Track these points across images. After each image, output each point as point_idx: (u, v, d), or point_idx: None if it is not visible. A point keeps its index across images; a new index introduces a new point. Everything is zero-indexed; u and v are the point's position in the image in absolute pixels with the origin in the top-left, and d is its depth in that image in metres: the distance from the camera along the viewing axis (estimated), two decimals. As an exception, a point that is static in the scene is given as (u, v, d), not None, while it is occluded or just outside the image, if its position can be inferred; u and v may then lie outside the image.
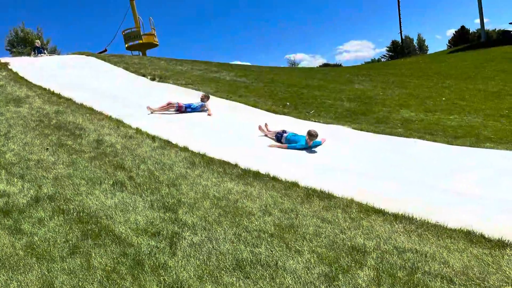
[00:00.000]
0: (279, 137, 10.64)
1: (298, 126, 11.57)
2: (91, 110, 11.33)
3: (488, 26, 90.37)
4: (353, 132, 11.31)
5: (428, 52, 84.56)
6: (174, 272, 4.39)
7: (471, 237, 5.15)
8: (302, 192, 6.68)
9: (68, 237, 5.00)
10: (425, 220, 5.66)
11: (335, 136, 11.02)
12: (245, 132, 11.42)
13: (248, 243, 5.01)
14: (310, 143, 9.98)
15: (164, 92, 15.97)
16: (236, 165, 7.92)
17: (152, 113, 12.71)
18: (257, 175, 7.49)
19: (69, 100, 12.38)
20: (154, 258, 4.61)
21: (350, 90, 18.24)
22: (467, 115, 13.50)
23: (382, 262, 4.63)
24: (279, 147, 10.20)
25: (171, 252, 4.75)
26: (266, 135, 11.22)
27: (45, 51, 26.68)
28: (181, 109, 13.29)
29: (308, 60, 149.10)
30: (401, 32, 62.19)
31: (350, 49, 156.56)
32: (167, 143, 9.06)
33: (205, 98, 13.79)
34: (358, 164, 9.05)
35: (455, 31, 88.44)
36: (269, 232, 5.32)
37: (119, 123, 10.28)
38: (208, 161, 8.03)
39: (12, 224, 5.31)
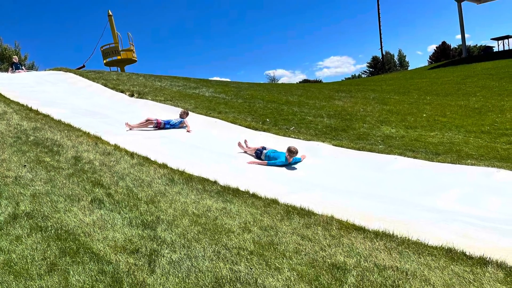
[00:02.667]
0: (259, 154, 10.66)
1: (278, 143, 11.61)
2: (69, 127, 11.25)
3: (469, 42, 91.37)
4: (334, 148, 11.35)
5: (409, 68, 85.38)
6: (153, 290, 4.36)
7: (452, 255, 5.18)
8: (282, 209, 6.69)
9: (46, 254, 4.94)
10: (406, 237, 5.69)
11: (315, 153, 11.07)
12: (224, 149, 11.43)
13: (227, 260, 5.00)
14: (290, 160, 10.02)
15: (143, 108, 15.95)
16: (215, 182, 7.92)
17: (130, 129, 12.68)
18: (236, 192, 7.49)
19: (47, 116, 12.29)
20: (133, 275, 4.57)
21: (331, 107, 18.34)
22: (448, 132, 13.61)
23: (362, 279, 4.64)
24: (258, 163, 10.21)
25: (150, 269, 4.72)
26: (245, 152, 11.24)
27: (23, 67, 26.49)
28: (160, 126, 13.28)
29: (288, 76, 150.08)
30: (381, 48, 62.65)
31: (330, 65, 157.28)
32: (146, 159, 9.02)
33: (184, 115, 13.81)
34: (339, 181, 9.10)
35: (436, 47, 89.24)
36: (249, 249, 5.31)
37: (97, 139, 10.21)
38: (187, 178, 8.01)
39: (-11, 242, 5.24)
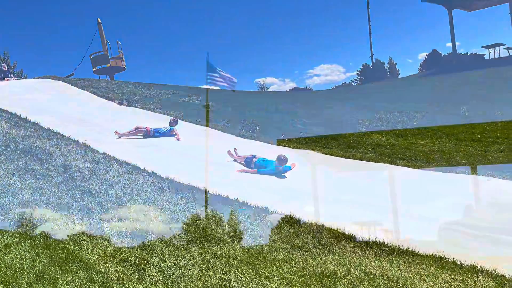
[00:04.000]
0: (249, 162, 10.63)
1: (268, 151, 11.59)
2: (58, 135, 11.18)
3: (460, 50, 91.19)
4: (323, 157, 11.33)
5: (400, 76, 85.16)
6: (142, 299, 4.34)
7: (442, 263, 5.18)
8: (272, 218, 6.67)
9: (35, 263, 4.92)
10: (396, 246, 5.68)
11: (305, 161, 11.05)
12: (214, 157, 11.40)
13: (217, 269, 4.99)
14: (280, 168, 9.99)
15: (132, 116, 15.86)
16: (205, 191, 7.90)
17: (120, 137, 12.61)
18: (226, 200, 7.47)
19: (36, 124, 12.21)
20: (122, 284, 4.55)
21: (321, 114, 18.32)
22: (439, 140, 13.59)
23: (352, 288, 4.64)
24: (248, 172, 10.18)
25: (139, 278, 4.70)
26: (235, 160, 11.21)
27: (11, 75, 26.32)
28: (149, 134, 13.22)
29: (278, 84, 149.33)
30: (372, 56, 62.51)
31: (321, 73, 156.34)
32: (135, 168, 8.98)
33: (173, 123, 13.74)
34: (328, 190, 9.08)
35: (427, 55, 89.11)
36: (239, 258, 5.30)
37: (86, 147, 10.16)
38: (176, 187, 7.99)
39: (-23, 250, 5.20)
